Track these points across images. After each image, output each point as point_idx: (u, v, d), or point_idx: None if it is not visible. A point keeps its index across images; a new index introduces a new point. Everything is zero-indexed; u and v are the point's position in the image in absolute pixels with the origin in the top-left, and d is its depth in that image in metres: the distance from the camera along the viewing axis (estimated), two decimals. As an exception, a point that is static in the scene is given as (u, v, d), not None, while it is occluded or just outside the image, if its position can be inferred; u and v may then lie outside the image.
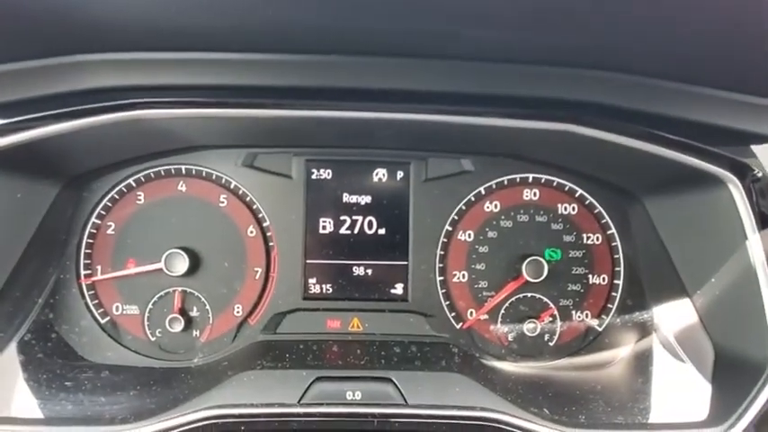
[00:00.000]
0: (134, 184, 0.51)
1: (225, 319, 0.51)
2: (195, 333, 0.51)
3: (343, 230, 0.53)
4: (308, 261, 0.52)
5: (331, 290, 0.52)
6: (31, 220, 0.46)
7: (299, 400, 0.41)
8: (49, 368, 0.46)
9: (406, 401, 0.41)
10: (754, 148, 0.43)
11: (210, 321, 0.51)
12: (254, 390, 0.41)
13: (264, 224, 0.52)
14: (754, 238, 0.40)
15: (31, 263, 0.46)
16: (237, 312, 0.51)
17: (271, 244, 0.52)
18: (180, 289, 0.51)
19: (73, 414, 0.41)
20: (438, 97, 0.42)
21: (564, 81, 0.41)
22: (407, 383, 0.42)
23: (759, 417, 0.38)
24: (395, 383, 0.42)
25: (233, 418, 0.39)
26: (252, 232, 0.52)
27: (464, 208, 0.53)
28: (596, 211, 0.53)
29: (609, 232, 0.53)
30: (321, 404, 0.40)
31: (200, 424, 0.39)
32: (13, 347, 0.46)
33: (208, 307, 0.51)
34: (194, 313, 0.51)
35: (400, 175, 0.53)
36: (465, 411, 0.40)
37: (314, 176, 0.52)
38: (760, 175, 0.39)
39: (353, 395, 0.41)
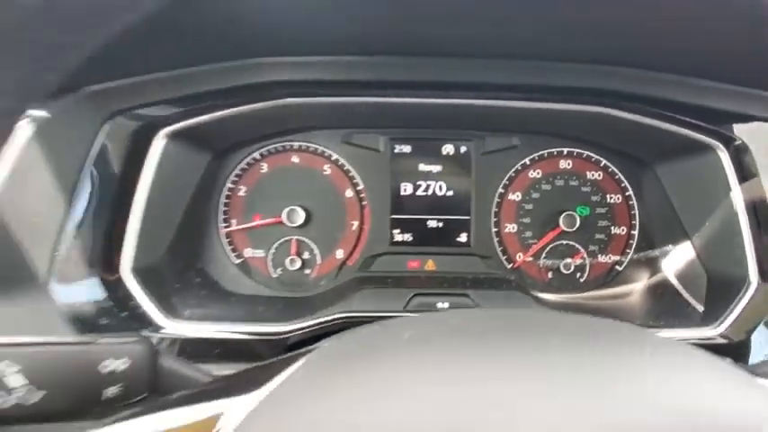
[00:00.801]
0: (259, 157, 0.66)
1: (329, 261, 0.66)
2: (307, 271, 0.66)
3: (419, 192, 0.67)
4: (392, 216, 0.66)
5: (411, 238, 0.66)
6: (192, 183, 0.60)
7: (404, 308, 0.56)
8: (203, 293, 0.62)
9: None
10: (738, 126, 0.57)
11: (319, 262, 0.65)
12: (366, 302, 0.56)
13: (359, 188, 0.66)
14: (736, 190, 0.54)
15: (190, 216, 0.61)
16: (339, 256, 0.66)
17: (364, 203, 0.66)
18: (295, 237, 0.65)
19: (233, 316, 0.56)
20: (495, 87, 0.56)
21: (595, 74, 0.54)
22: (480, 299, 0.57)
23: (740, 315, 0.52)
24: (471, 298, 0.57)
25: (356, 319, 0.54)
26: (349, 194, 0.66)
27: (513, 175, 0.67)
28: (617, 177, 0.67)
29: (627, 193, 0.67)
30: (420, 311, 0.55)
31: (332, 323, 0.53)
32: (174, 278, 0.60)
33: (316, 251, 0.66)
34: (306, 256, 0.66)
35: (463, 149, 0.67)
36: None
37: (396, 150, 0.67)
38: (739, 143, 0.53)
39: (443, 305, 0.56)
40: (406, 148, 0.67)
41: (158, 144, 0.53)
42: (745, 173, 0.54)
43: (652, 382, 0.22)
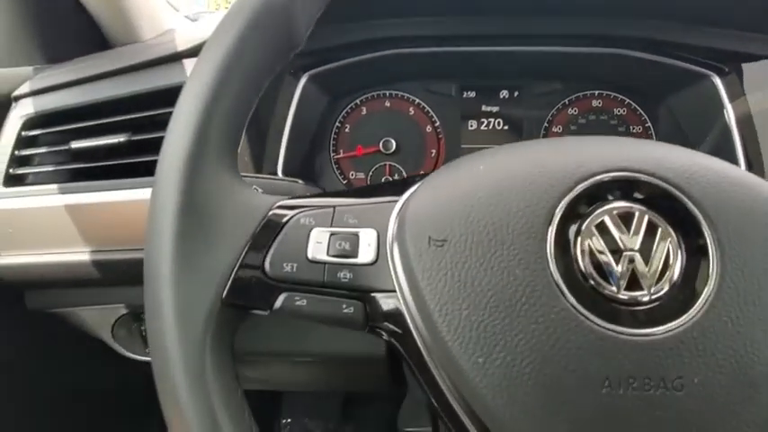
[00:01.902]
0: (359, 103, 0.86)
1: (414, 181, 0.86)
2: (398, 189, 0.86)
3: (482, 127, 0.86)
4: (462, 145, 0.86)
5: (477, 162, 0.86)
6: (315, 119, 0.81)
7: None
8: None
9: None
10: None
11: (406, 182, 0.86)
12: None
13: (436, 124, 0.86)
14: (728, 107, 0.72)
15: (312, 145, 0.82)
16: (421, 177, 0.86)
17: (440, 136, 0.86)
18: (388, 162, 0.86)
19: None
20: (543, 37, 0.76)
21: (622, 24, 0.73)
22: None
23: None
24: None
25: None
26: (429, 129, 0.86)
27: (555, 112, 0.86)
28: (638, 112, 0.85)
29: (646, 125, 0.85)
30: None
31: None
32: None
33: (404, 173, 0.86)
34: (396, 178, 0.86)
35: (516, 93, 0.86)
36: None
37: (464, 95, 0.87)
38: (728, 70, 0.72)
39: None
40: (472, 94, 0.86)
41: (301, 84, 0.74)
42: (734, 93, 0.72)
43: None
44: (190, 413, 0.30)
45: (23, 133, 0.63)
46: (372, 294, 0.34)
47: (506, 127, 0.88)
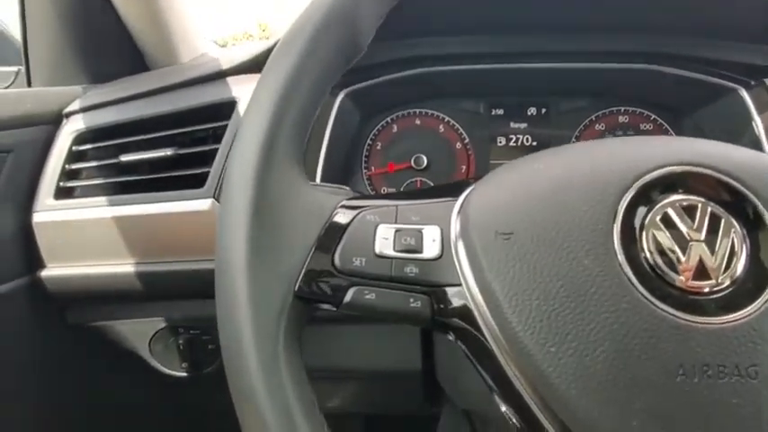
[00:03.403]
0: (390, 121, 0.88)
1: (444, 196, 0.88)
2: (428, 204, 0.87)
3: (511, 144, 0.88)
4: (491, 161, 0.88)
5: (506, 177, 0.87)
6: (348, 136, 0.83)
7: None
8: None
9: None
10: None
11: (437, 197, 0.87)
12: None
13: (465, 141, 0.88)
14: (756, 119, 0.73)
15: (346, 161, 0.84)
16: (452, 192, 0.87)
17: (470, 152, 0.87)
18: (420, 178, 0.87)
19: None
20: (570, 54, 0.78)
21: (647, 41, 0.75)
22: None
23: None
24: None
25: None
26: (458, 146, 0.88)
27: (582, 128, 0.87)
28: (663, 127, 0.86)
29: (673, 140, 0.87)
30: None
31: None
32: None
33: (435, 189, 0.87)
34: (429, 192, 0.87)
35: (543, 110, 0.88)
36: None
37: (492, 113, 0.88)
38: (755, 83, 0.73)
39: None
40: (500, 111, 0.88)
41: (338, 101, 0.76)
42: (763, 106, 0.73)
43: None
44: (266, 408, 0.31)
45: (74, 148, 0.65)
46: (439, 288, 0.34)
47: (534, 143, 0.89)
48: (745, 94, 0.74)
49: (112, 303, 0.69)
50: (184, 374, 0.76)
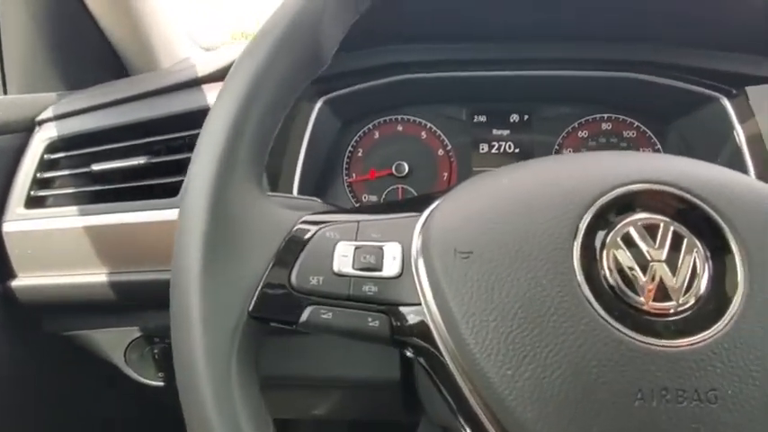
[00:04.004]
0: (371, 128, 0.88)
1: (426, 204, 0.87)
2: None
3: (493, 151, 0.87)
4: (474, 168, 0.87)
5: (489, 185, 0.87)
6: (327, 143, 0.83)
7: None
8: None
9: None
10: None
11: (419, 204, 0.87)
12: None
13: (448, 148, 0.87)
14: (738, 128, 0.73)
15: (325, 168, 0.83)
16: (434, 199, 0.87)
17: (452, 159, 0.87)
18: (401, 185, 0.87)
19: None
20: (552, 61, 0.77)
21: (629, 49, 0.74)
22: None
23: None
24: None
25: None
26: (441, 153, 0.87)
27: (565, 135, 0.87)
28: (647, 135, 0.86)
29: (656, 147, 0.86)
30: None
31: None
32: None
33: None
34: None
35: (526, 117, 0.88)
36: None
37: (474, 120, 0.88)
38: (736, 92, 0.72)
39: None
40: (482, 118, 0.87)
41: (316, 108, 0.75)
42: (744, 115, 0.73)
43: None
44: (215, 425, 0.30)
45: (46, 156, 0.64)
46: (398, 307, 0.34)
47: (517, 150, 0.89)
48: (726, 102, 0.74)
49: (86, 312, 0.68)
50: (161, 384, 0.75)
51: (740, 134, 0.73)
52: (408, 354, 0.35)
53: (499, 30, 0.74)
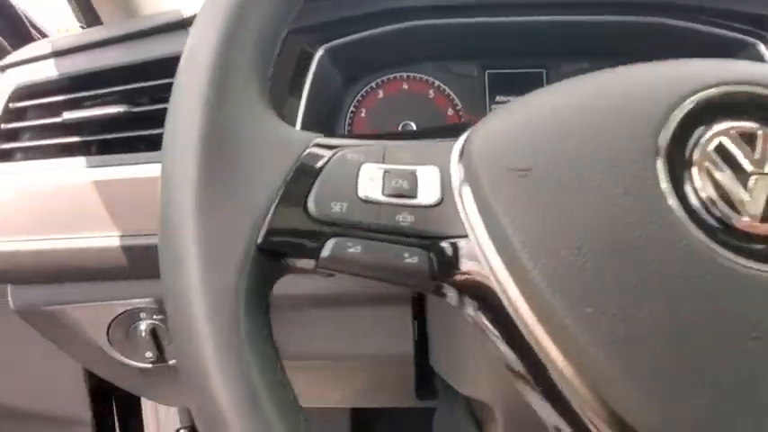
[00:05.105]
0: (375, 86, 0.81)
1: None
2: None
3: (507, 108, 0.82)
4: (485, 129, 0.81)
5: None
6: (329, 100, 0.76)
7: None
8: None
9: None
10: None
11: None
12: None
13: (458, 107, 0.81)
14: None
15: (326, 128, 0.76)
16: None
17: (463, 120, 0.81)
18: (408, 147, 0.80)
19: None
20: (569, 6, 0.71)
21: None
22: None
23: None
24: None
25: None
26: (450, 113, 0.81)
27: (583, 92, 0.81)
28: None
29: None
30: None
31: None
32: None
33: (424, 159, 0.80)
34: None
35: (542, 73, 0.82)
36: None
37: (486, 77, 0.81)
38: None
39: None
40: (494, 74, 0.81)
41: (317, 58, 0.68)
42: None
43: None
44: (223, 398, 0.23)
45: (11, 105, 0.57)
46: (439, 241, 0.27)
47: (532, 107, 0.82)
48: (763, 48, 0.68)
49: (62, 284, 0.61)
50: (149, 366, 0.68)
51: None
52: (451, 301, 0.29)
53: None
